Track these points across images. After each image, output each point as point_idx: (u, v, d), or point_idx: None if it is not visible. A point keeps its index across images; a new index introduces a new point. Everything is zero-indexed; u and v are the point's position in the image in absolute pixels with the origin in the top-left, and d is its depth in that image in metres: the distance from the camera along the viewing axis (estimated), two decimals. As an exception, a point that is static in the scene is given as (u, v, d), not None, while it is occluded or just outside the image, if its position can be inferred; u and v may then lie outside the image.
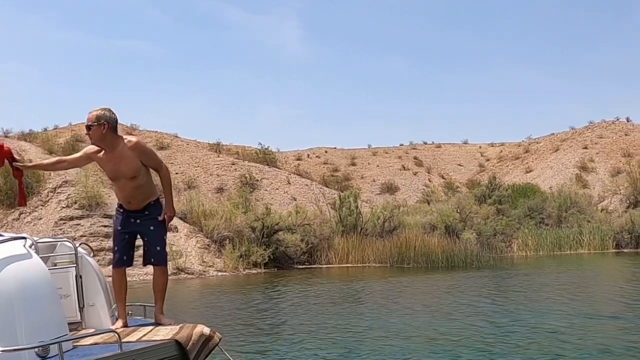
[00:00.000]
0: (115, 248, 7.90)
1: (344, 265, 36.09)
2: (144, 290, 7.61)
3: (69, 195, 34.41)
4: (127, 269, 7.96)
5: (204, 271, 31.45)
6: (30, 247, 6.53)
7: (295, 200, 50.36)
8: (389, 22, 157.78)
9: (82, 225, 32.59)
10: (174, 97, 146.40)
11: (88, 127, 7.71)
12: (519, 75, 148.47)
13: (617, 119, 79.46)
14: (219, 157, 59.49)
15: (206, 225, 34.42)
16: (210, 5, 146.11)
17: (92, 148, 7.82)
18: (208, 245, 34.03)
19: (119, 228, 7.89)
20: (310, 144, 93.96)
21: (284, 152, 79.85)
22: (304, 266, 35.62)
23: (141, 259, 7.98)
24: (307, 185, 55.48)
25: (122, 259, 7.99)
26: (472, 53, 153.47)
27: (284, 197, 51.80)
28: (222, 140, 67.06)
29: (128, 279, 8.09)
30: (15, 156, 7.78)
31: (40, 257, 6.46)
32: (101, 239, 31.04)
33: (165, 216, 8.22)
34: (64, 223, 32.48)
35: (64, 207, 33.71)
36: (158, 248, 8.03)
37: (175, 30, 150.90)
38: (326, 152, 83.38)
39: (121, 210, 7.89)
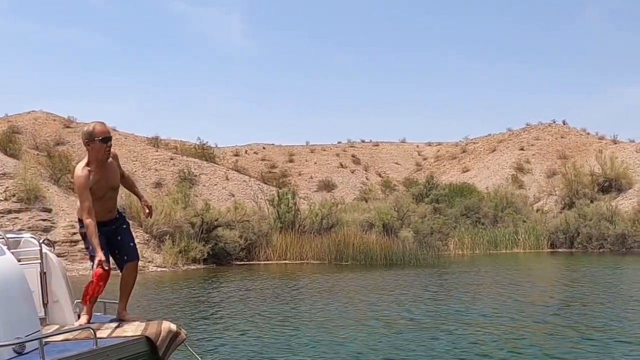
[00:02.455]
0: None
1: (282, 262, 36.32)
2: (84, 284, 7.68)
3: (7, 188, 34.14)
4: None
5: (144, 267, 31.39)
6: (1, 242, 6.70)
7: (234, 196, 50.49)
8: (333, 16, 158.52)
9: (20, 219, 32.37)
10: (112, 89, 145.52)
11: (109, 140, 7.89)
12: (457, 76, 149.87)
13: (554, 122, 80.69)
14: (157, 151, 59.27)
15: (145, 220, 34.41)
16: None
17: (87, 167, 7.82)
18: (147, 240, 34.03)
19: (105, 242, 7.88)
20: (248, 139, 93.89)
21: (222, 147, 79.88)
22: (242, 262, 35.82)
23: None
24: (245, 181, 55.63)
25: (123, 258, 8.11)
26: (412, 52, 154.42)
27: (222, 192, 51.90)
28: (161, 135, 66.92)
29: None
30: None
31: (8, 253, 6.58)
32: (40, 233, 30.82)
33: (149, 207, 8.48)
34: (1, 216, 32.24)
35: (1, 200, 33.45)
36: (132, 244, 8.23)
37: (117, 19, 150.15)
38: (264, 148, 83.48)
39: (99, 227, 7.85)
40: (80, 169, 7.72)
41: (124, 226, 8.25)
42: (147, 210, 8.82)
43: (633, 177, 53.99)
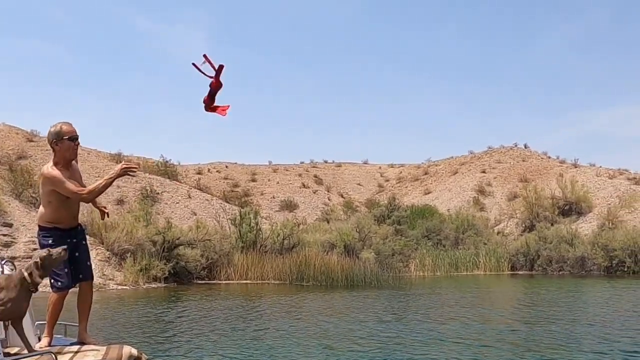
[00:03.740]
0: (66, 270, 7.82)
1: (243, 282, 36.23)
2: (44, 304, 7.61)
3: (-37, 202, 33.90)
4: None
5: (104, 284, 31.27)
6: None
7: (196, 214, 50.31)
8: (296, 37, 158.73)
9: (-22, 235, 32.16)
10: (76, 103, 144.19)
11: (77, 138, 7.96)
12: (420, 98, 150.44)
13: (516, 145, 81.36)
14: (120, 168, 58.90)
15: (107, 237, 34.25)
16: (120, 12, 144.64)
17: (56, 168, 7.84)
18: (109, 258, 33.85)
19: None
20: (211, 158, 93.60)
21: (185, 165, 79.67)
22: (203, 281, 35.71)
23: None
24: (207, 200, 55.46)
25: (78, 276, 8.07)
26: (375, 74, 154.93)
27: (184, 211, 51.72)
28: (124, 151, 66.53)
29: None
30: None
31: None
32: (0, 248, 30.67)
33: (105, 208, 8.57)
34: (-42, 232, 32.02)
35: (-40, 215, 33.20)
36: (88, 263, 8.20)
37: (82, 34, 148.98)
38: (227, 167, 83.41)
39: (58, 233, 7.85)
40: (51, 167, 7.75)
41: (84, 242, 8.24)
42: (105, 211, 8.87)
43: (593, 200, 54.57)
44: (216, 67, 7.77)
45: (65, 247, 7.30)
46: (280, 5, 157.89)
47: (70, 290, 7.84)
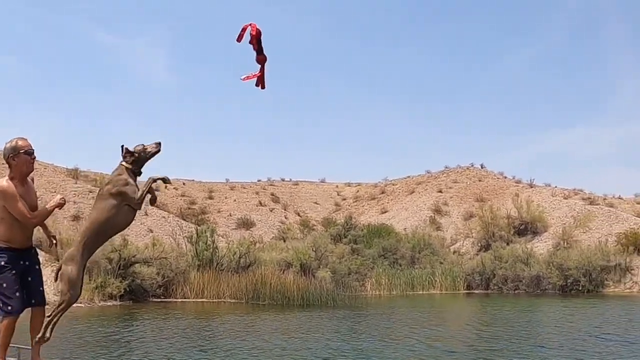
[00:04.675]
0: (17, 294, 7.84)
1: (199, 300, 36.08)
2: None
3: None
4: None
5: (60, 302, 31.01)
6: None
7: (152, 232, 50.09)
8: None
9: None
10: (33, 117, 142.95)
11: (33, 153, 7.98)
12: (377, 117, 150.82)
13: (472, 165, 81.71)
14: (76, 183, 58.52)
15: (62, 254, 33.83)
16: (81, 25, 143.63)
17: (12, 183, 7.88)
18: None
19: (13, 272, 7.86)
20: (169, 174, 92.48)
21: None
22: (159, 299, 35.49)
23: None
24: (164, 217, 55.23)
25: (31, 301, 8.05)
26: (332, 94, 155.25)
27: (140, 228, 51.39)
28: (80, 166, 66.06)
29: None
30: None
31: None
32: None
33: (54, 237, 8.53)
34: None
35: None
36: (41, 288, 8.17)
37: (42, 46, 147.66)
38: (184, 184, 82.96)
39: (11, 253, 7.86)
40: (6, 181, 7.76)
41: (37, 267, 8.23)
42: (54, 241, 8.87)
43: (548, 220, 55.02)
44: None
45: (159, 141, 7.58)
46: (238, 23, 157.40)
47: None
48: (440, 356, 17.41)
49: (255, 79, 8.21)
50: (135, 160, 8.13)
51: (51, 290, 30.67)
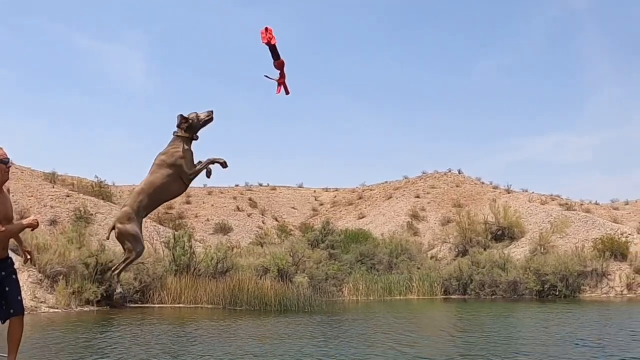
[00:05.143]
0: None
1: (176, 305, 35.98)
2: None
3: None
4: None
5: (36, 307, 30.85)
6: None
7: (130, 237, 49.91)
8: (231, 61, 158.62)
9: None
10: (8, 121, 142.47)
11: (8, 161, 7.94)
12: (355, 122, 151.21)
13: (450, 171, 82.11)
14: (53, 187, 58.11)
15: (39, 259, 33.82)
16: (59, 28, 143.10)
17: None
18: (40, 280, 33.40)
19: None
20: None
21: (120, 186, 78.99)
22: (136, 305, 35.33)
23: None
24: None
25: (9, 311, 8.01)
26: (310, 99, 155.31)
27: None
28: (58, 170, 65.68)
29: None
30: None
31: None
32: None
33: (29, 253, 8.48)
34: None
35: None
36: (19, 297, 8.14)
37: (20, 50, 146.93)
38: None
39: None
40: None
41: (13, 276, 8.20)
42: (28, 257, 8.83)
43: (525, 225, 55.40)
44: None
45: (211, 110, 7.73)
46: (216, 30, 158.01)
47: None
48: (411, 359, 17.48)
49: (281, 86, 8.34)
50: (189, 126, 8.41)
51: (28, 296, 30.68)
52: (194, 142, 8.45)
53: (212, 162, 8.37)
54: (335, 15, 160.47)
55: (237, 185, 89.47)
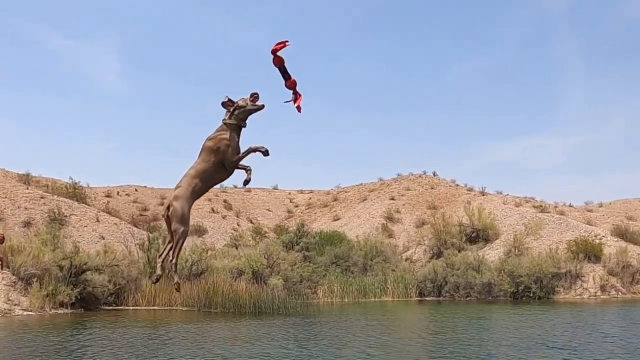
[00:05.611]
0: None
1: (151, 308, 35.94)
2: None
3: None
4: None
5: (9, 310, 30.75)
6: None
7: (104, 239, 49.83)
8: (208, 64, 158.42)
9: None
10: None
11: None
12: (330, 125, 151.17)
13: (424, 173, 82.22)
14: (27, 189, 57.93)
15: (13, 261, 33.67)
16: (33, 28, 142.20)
17: None
18: (14, 282, 33.23)
19: None
20: (121, 181, 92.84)
21: (94, 188, 78.72)
22: (111, 307, 35.26)
23: None
24: (116, 224, 54.91)
25: None
26: (284, 98, 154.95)
27: (92, 235, 51.08)
28: (32, 171, 65.46)
29: None
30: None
31: None
32: None
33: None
34: None
35: None
36: None
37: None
38: (136, 190, 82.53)
39: None
40: None
41: None
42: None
43: (500, 227, 55.59)
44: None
45: (258, 99, 8.02)
46: (191, 31, 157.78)
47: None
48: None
49: (296, 104, 8.36)
50: (238, 113, 8.25)
51: (1, 299, 30.56)
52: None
53: (254, 150, 8.36)
54: (311, 17, 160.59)
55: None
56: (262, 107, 8.09)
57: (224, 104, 8.03)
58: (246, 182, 8.57)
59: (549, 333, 24.94)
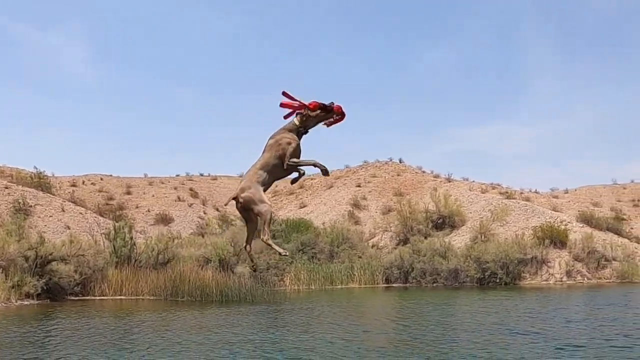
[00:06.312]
0: None
1: (117, 298, 35.79)
2: None
3: None
4: None
5: (-26, 302, 30.62)
6: None
7: (70, 228, 49.56)
8: (174, 53, 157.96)
9: None
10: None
11: None
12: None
13: (391, 160, 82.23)
14: (-9, 179, 57.64)
15: (-20, 256, 33.50)
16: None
17: None
18: (-21, 274, 33.06)
19: None
20: (86, 170, 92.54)
21: (59, 177, 78.31)
22: (77, 298, 35.08)
23: None
24: (81, 213, 54.60)
25: None
26: (250, 90, 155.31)
27: (58, 225, 50.78)
28: (-4, 162, 65.16)
29: None
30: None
31: None
32: None
33: None
34: None
35: None
36: None
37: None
38: (102, 179, 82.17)
39: None
40: None
41: None
42: None
43: (466, 214, 55.88)
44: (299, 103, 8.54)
45: (333, 102, 8.20)
46: (161, 17, 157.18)
47: None
48: (348, 348, 17.60)
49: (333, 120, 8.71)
50: (306, 119, 8.55)
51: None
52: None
53: (315, 164, 8.58)
54: (277, 9, 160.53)
55: (178, 175, 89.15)
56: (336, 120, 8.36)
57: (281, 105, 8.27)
58: (293, 181, 9.33)
59: (513, 318, 25.14)
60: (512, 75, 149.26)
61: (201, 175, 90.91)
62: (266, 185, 8.46)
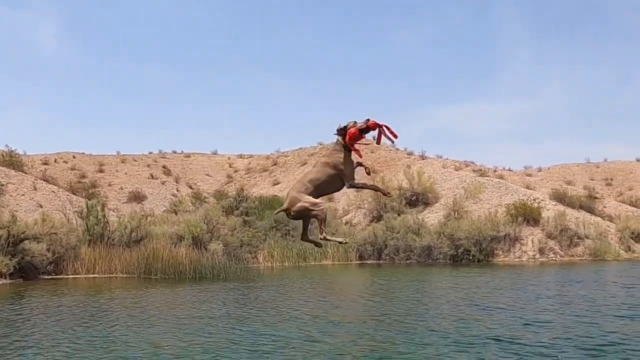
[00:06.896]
0: None
1: (90, 276, 35.73)
2: None
3: None
4: None
5: (-52, 282, 30.49)
6: None
7: (42, 207, 49.35)
8: (147, 30, 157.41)
9: None
10: None
11: None
12: (270, 91, 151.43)
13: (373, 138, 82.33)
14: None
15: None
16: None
17: None
18: (-48, 254, 32.91)
19: None
20: (58, 148, 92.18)
21: (31, 155, 78.05)
22: (50, 277, 34.98)
23: None
24: (54, 192, 54.36)
25: None
26: (225, 69, 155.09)
27: (30, 203, 50.55)
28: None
29: None
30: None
31: None
32: None
33: None
34: None
35: None
36: None
37: None
38: (74, 157, 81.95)
39: None
40: None
41: None
42: None
43: (439, 191, 56.12)
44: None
45: (368, 118, 8.61)
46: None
47: None
48: (316, 324, 17.71)
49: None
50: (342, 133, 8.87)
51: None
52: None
53: (376, 189, 9.74)
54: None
55: (150, 153, 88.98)
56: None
57: (338, 131, 8.78)
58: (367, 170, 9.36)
59: (483, 294, 25.29)
60: (486, 53, 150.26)
61: (174, 152, 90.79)
62: (314, 196, 8.67)
